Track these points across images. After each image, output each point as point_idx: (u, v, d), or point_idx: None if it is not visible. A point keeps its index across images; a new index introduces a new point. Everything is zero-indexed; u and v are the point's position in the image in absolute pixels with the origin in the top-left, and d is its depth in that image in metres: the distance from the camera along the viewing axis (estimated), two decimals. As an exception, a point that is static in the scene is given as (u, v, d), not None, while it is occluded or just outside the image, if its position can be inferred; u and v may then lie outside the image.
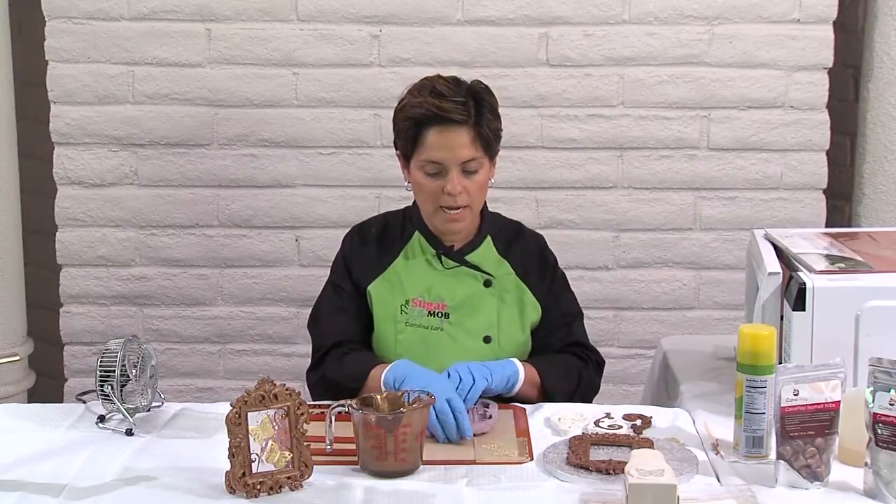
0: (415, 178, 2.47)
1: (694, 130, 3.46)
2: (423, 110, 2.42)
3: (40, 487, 1.96)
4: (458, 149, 2.42)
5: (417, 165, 2.45)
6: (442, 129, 2.41)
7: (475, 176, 2.44)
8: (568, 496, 1.94)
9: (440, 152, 2.42)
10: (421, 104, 2.43)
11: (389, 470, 2.01)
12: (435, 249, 2.52)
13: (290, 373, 3.50)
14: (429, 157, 2.42)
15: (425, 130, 2.42)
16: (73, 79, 3.43)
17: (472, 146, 2.42)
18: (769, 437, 2.07)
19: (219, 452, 1.99)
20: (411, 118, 2.44)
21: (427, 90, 2.45)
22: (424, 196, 2.47)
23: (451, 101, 2.42)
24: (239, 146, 3.46)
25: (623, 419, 2.27)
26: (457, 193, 2.42)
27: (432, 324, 2.48)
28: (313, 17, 3.41)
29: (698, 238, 3.51)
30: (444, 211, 2.45)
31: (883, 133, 3.43)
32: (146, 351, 2.28)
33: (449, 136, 2.41)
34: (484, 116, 2.44)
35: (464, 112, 2.41)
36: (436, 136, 2.42)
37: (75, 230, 3.49)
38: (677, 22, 3.42)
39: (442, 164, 2.42)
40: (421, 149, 2.43)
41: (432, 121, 2.41)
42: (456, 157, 2.42)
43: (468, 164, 2.43)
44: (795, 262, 2.30)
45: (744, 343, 2.08)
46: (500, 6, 3.40)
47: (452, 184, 2.42)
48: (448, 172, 2.42)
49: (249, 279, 3.52)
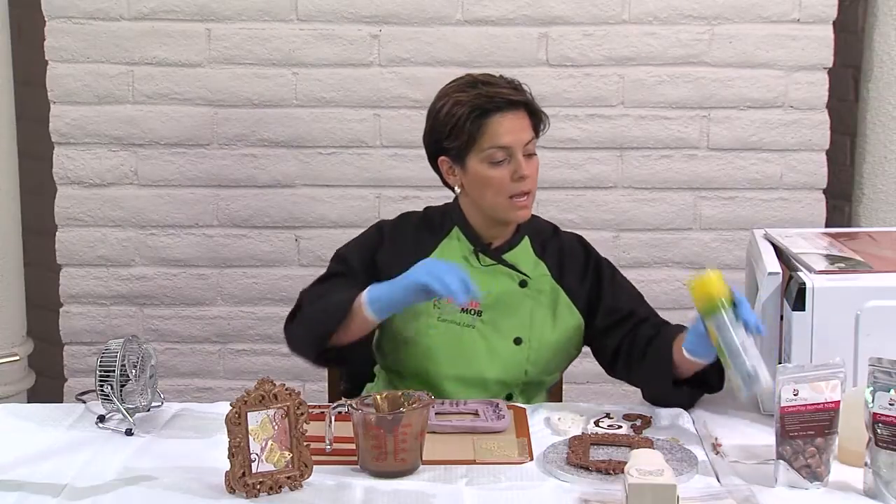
0: (476, 172, 2.42)
1: (694, 130, 3.46)
2: (482, 100, 2.40)
3: (40, 487, 1.96)
4: (521, 132, 2.42)
5: (481, 157, 2.41)
6: (504, 114, 2.40)
7: (534, 159, 2.45)
8: (568, 496, 1.94)
9: (507, 137, 2.40)
10: (478, 95, 2.41)
11: (389, 470, 2.01)
12: (473, 246, 2.49)
13: (290, 373, 3.50)
14: (495, 143, 2.40)
15: (488, 118, 2.40)
16: (73, 79, 3.43)
17: (530, 128, 2.44)
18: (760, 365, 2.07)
19: (218, 452, 1.99)
20: (474, 109, 2.40)
21: (471, 84, 2.45)
22: (493, 188, 2.42)
23: (505, 87, 2.43)
24: (239, 146, 3.47)
25: (623, 419, 2.27)
26: (528, 175, 2.41)
27: (465, 321, 2.44)
28: (313, 16, 3.41)
29: (698, 238, 3.51)
30: (516, 199, 2.42)
31: (883, 133, 3.43)
32: (146, 351, 2.28)
33: (512, 119, 2.41)
34: (530, 99, 2.46)
35: (519, 94, 2.43)
36: (500, 122, 2.40)
37: (75, 230, 3.49)
38: (677, 22, 3.42)
39: (510, 149, 2.40)
40: (484, 138, 2.40)
41: (495, 107, 2.40)
42: (520, 139, 2.41)
43: (528, 145, 2.43)
44: (795, 262, 2.30)
45: (693, 294, 2.14)
46: (499, 6, 3.40)
47: (523, 167, 2.40)
48: (514, 157, 2.41)
49: (249, 279, 3.52)
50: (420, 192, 3.46)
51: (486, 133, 2.40)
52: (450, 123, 2.42)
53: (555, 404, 2.44)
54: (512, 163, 2.41)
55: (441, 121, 2.44)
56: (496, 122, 2.40)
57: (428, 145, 2.51)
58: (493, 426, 2.22)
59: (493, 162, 2.40)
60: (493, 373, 2.45)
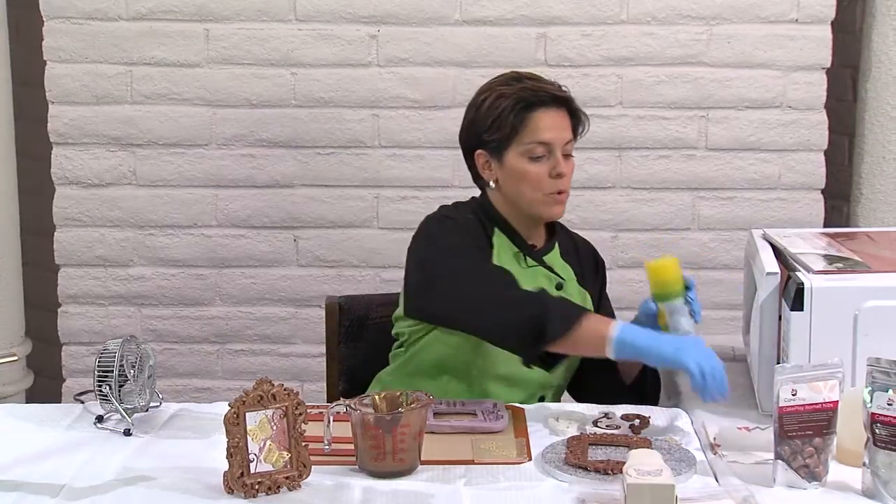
0: (514, 166, 2.41)
1: (692, 130, 3.46)
2: (527, 93, 2.40)
3: (38, 487, 1.96)
4: (563, 130, 2.42)
5: (520, 152, 2.40)
6: (548, 110, 2.41)
7: (571, 160, 2.45)
8: (566, 496, 1.94)
9: (549, 133, 2.40)
10: (523, 89, 2.41)
11: (388, 470, 2.01)
12: (518, 248, 2.48)
13: (289, 373, 3.51)
14: (537, 138, 2.39)
15: (532, 113, 2.40)
16: (72, 79, 3.43)
17: (570, 129, 2.45)
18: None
19: (217, 452, 1.98)
20: (519, 101, 2.39)
21: (516, 79, 2.45)
22: (530, 184, 2.41)
23: (550, 84, 2.44)
24: (237, 146, 3.46)
25: (621, 419, 2.27)
26: (566, 174, 2.41)
27: None
28: (311, 17, 3.41)
29: (696, 238, 3.51)
30: (551, 196, 2.42)
31: (881, 133, 3.43)
32: (144, 351, 2.28)
33: (556, 116, 2.42)
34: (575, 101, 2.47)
35: (564, 93, 2.44)
36: (544, 117, 2.40)
37: (73, 230, 3.49)
38: (675, 22, 3.42)
39: (550, 146, 2.40)
40: (526, 132, 2.40)
41: (540, 101, 2.40)
42: (561, 137, 2.42)
43: (567, 145, 2.44)
44: (793, 262, 2.30)
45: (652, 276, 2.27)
46: (498, 6, 3.40)
47: (562, 165, 2.41)
48: (553, 154, 2.41)
49: (248, 279, 3.52)
50: (419, 192, 3.46)
51: (528, 127, 2.40)
52: (492, 115, 2.42)
53: (553, 404, 2.44)
54: (550, 160, 2.41)
55: (483, 113, 2.43)
56: (539, 116, 2.40)
57: (466, 139, 2.49)
58: (491, 426, 2.22)
59: (533, 157, 2.41)
60: (535, 374, 2.43)
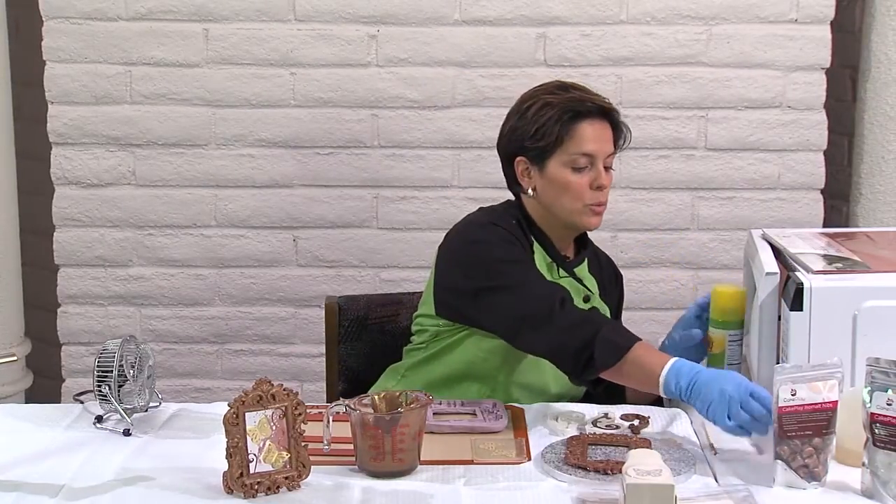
0: (556, 175, 2.41)
1: (691, 130, 3.46)
2: (575, 103, 2.40)
3: (38, 487, 1.96)
4: (606, 142, 2.42)
5: (563, 161, 2.40)
6: (594, 122, 2.41)
7: (611, 172, 2.45)
8: (565, 496, 1.94)
9: (594, 144, 2.40)
10: (570, 99, 2.41)
11: (387, 470, 2.01)
12: (552, 258, 2.47)
13: (288, 373, 3.51)
14: (581, 149, 2.39)
15: (579, 123, 2.39)
16: (71, 79, 3.43)
17: (612, 141, 2.44)
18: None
19: (216, 452, 1.99)
20: (566, 111, 2.39)
21: (562, 88, 2.44)
22: (571, 194, 2.40)
23: (597, 95, 2.45)
24: (236, 146, 3.46)
25: (621, 419, 2.27)
26: (607, 186, 2.41)
27: None
28: (311, 17, 3.41)
29: (696, 238, 3.51)
30: (591, 208, 2.41)
31: (880, 133, 3.44)
32: (144, 351, 2.28)
33: (600, 128, 2.42)
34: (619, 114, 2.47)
35: (610, 105, 2.44)
36: (590, 128, 2.40)
37: (73, 230, 3.49)
38: (675, 22, 3.42)
39: (593, 157, 2.40)
40: (571, 142, 2.39)
41: (587, 112, 2.40)
42: (605, 150, 2.42)
43: (609, 158, 2.43)
44: (793, 262, 2.30)
45: (722, 302, 2.34)
46: (497, 6, 3.40)
47: (603, 177, 2.40)
48: (595, 166, 2.40)
49: (247, 279, 3.52)
50: (418, 193, 3.46)
51: (574, 137, 2.39)
52: (537, 123, 2.41)
53: (553, 404, 2.44)
54: (592, 171, 2.41)
55: (528, 120, 2.42)
56: (585, 127, 2.40)
57: (506, 145, 2.48)
58: (490, 426, 2.22)
59: (576, 168, 2.40)
60: (557, 386, 2.46)
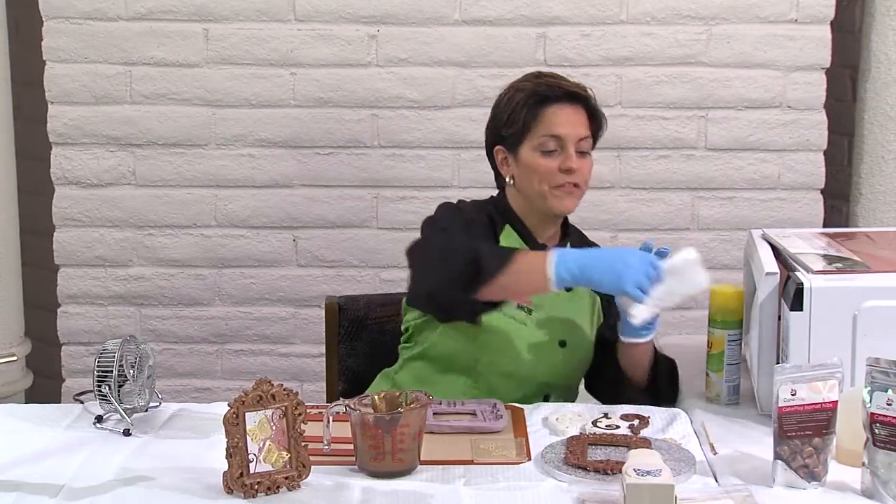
0: (527, 160, 2.44)
1: (691, 130, 3.46)
2: (542, 88, 2.45)
3: (37, 487, 1.96)
4: (576, 126, 2.44)
5: (533, 146, 2.43)
6: (563, 105, 2.44)
7: (587, 157, 2.46)
8: (565, 496, 1.94)
9: (561, 127, 2.42)
10: (540, 84, 2.46)
11: (387, 470, 2.01)
12: (526, 244, 2.49)
13: (288, 373, 3.51)
14: (549, 131, 2.42)
15: (546, 107, 2.43)
16: (71, 79, 3.43)
17: (587, 126, 2.46)
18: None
19: (216, 452, 1.99)
20: (533, 96, 2.44)
21: (536, 76, 2.50)
22: (538, 177, 2.43)
23: (568, 82, 2.48)
24: (236, 146, 3.46)
25: (621, 419, 2.27)
26: (576, 169, 2.42)
27: (517, 316, 2.44)
28: (311, 17, 3.41)
29: (696, 238, 3.51)
30: (560, 188, 2.43)
31: (880, 133, 3.44)
32: (144, 351, 2.28)
33: (570, 112, 2.44)
34: (593, 102, 2.49)
35: (583, 91, 2.47)
36: (557, 112, 2.44)
37: (73, 230, 3.49)
38: (675, 22, 3.42)
39: (562, 140, 2.42)
40: (539, 126, 2.43)
41: (555, 97, 2.44)
42: (575, 133, 2.43)
43: (582, 142, 2.45)
44: (793, 262, 2.30)
45: (720, 302, 2.37)
46: (497, 6, 3.40)
47: (572, 159, 2.42)
48: (565, 149, 2.42)
49: (247, 279, 3.52)
50: (418, 193, 3.46)
51: (541, 121, 2.44)
52: (508, 110, 2.47)
53: (553, 404, 2.44)
54: (562, 154, 2.43)
55: (502, 109, 2.49)
56: (552, 111, 2.44)
57: (487, 136, 2.54)
58: (490, 426, 2.22)
59: (545, 151, 2.43)
60: (539, 373, 2.47)
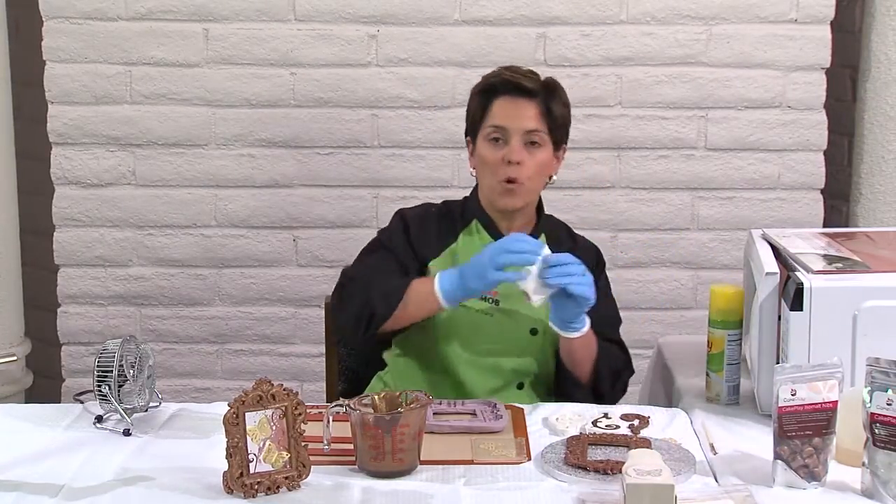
0: (479, 152, 2.50)
1: (691, 130, 3.46)
2: (496, 80, 2.51)
3: (37, 487, 1.96)
4: (523, 119, 2.46)
5: (483, 136, 2.49)
6: (511, 98, 2.48)
7: (537, 152, 2.47)
8: (565, 496, 1.94)
9: (506, 119, 2.46)
10: (492, 76, 2.53)
11: (387, 470, 2.01)
12: (492, 237, 2.51)
13: (288, 373, 3.51)
14: (494, 122, 2.47)
15: (495, 99, 2.49)
16: (71, 79, 3.43)
17: (538, 120, 2.48)
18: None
19: (216, 452, 1.99)
20: (484, 88, 2.51)
21: (499, 70, 2.56)
22: (488, 168, 2.48)
23: (524, 75, 2.51)
24: (236, 146, 3.46)
25: (620, 419, 2.27)
26: (516, 161, 2.44)
27: (483, 308, 2.47)
28: (311, 17, 3.41)
29: (696, 238, 3.51)
30: (503, 185, 2.46)
31: (880, 133, 3.44)
32: (144, 351, 2.28)
33: (517, 104, 2.47)
34: (555, 98, 2.51)
35: (535, 84, 2.49)
36: (504, 104, 2.48)
37: (73, 230, 3.49)
38: (675, 22, 3.42)
39: (505, 130, 2.45)
40: (487, 117, 2.49)
41: (504, 89, 2.48)
42: (520, 125, 2.46)
43: (531, 135, 2.46)
44: (793, 262, 2.30)
45: (720, 302, 2.36)
46: (497, 6, 3.40)
47: (514, 152, 2.45)
48: (509, 141, 2.45)
49: (247, 279, 3.52)
50: (418, 193, 3.46)
51: (489, 112, 2.49)
52: (470, 104, 2.55)
53: (553, 404, 2.44)
54: (507, 146, 2.45)
55: (469, 103, 2.56)
56: (499, 103, 2.48)
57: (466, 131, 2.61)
58: (490, 426, 2.22)
59: (490, 140, 2.47)
60: (509, 361, 2.49)
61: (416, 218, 2.57)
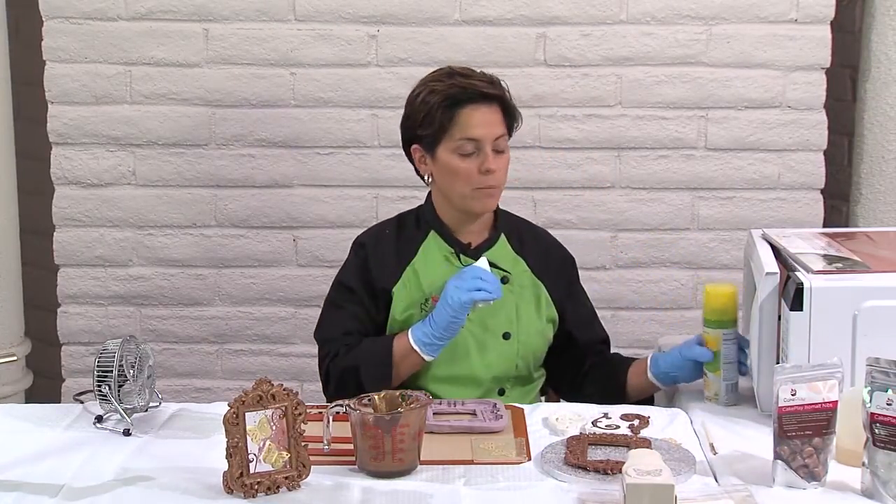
0: (446, 162, 2.46)
1: (691, 130, 3.46)
2: (456, 90, 2.44)
3: (38, 487, 1.96)
4: (492, 126, 2.44)
5: (451, 148, 2.45)
6: (477, 107, 2.44)
7: (503, 155, 2.47)
8: (566, 496, 1.94)
9: (478, 129, 2.43)
10: (452, 85, 2.45)
11: (387, 470, 2.01)
12: (451, 248, 2.51)
13: (288, 373, 3.51)
14: (466, 134, 2.43)
15: (460, 109, 2.43)
16: (71, 79, 3.43)
17: (502, 124, 2.47)
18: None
19: (216, 452, 1.99)
20: (446, 98, 2.44)
21: (449, 75, 2.49)
22: (460, 179, 2.45)
23: (481, 80, 2.47)
24: (236, 146, 3.46)
25: (621, 419, 2.27)
26: (496, 170, 2.43)
27: None
28: (311, 17, 3.41)
29: (696, 238, 3.51)
30: (480, 190, 2.45)
31: (880, 133, 3.43)
32: (143, 351, 2.28)
33: (485, 113, 2.44)
34: (505, 96, 2.49)
35: (494, 89, 2.46)
36: (472, 114, 2.44)
37: (73, 230, 3.49)
38: (675, 22, 3.42)
39: (479, 142, 2.43)
40: (455, 129, 2.44)
41: (469, 98, 2.44)
42: (491, 133, 2.44)
43: (499, 141, 2.45)
44: (793, 262, 2.30)
45: (715, 302, 2.36)
46: (497, 6, 3.40)
47: (490, 161, 2.43)
48: (483, 150, 2.43)
49: (247, 279, 3.52)
50: (418, 192, 3.44)
51: (457, 123, 2.44)
52: (423, 111, 2.47)
53: (553, 404, 2.44)
54: (480, 156, 2.44)
55: (416, 108, 2.49)
56: (468, 113, 2.44)
57: (403, 133, 2.55)
58: (490, 426, 2.22)
59: (463, 153, 2.44)
60: (485, 369, 2.49)
61: (372, 246, 2.54)
